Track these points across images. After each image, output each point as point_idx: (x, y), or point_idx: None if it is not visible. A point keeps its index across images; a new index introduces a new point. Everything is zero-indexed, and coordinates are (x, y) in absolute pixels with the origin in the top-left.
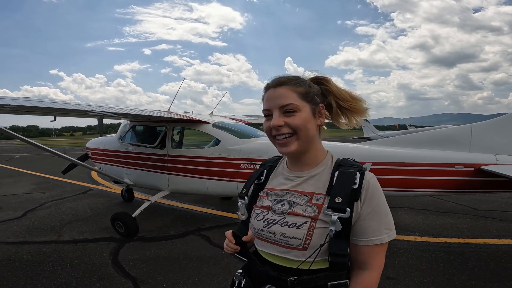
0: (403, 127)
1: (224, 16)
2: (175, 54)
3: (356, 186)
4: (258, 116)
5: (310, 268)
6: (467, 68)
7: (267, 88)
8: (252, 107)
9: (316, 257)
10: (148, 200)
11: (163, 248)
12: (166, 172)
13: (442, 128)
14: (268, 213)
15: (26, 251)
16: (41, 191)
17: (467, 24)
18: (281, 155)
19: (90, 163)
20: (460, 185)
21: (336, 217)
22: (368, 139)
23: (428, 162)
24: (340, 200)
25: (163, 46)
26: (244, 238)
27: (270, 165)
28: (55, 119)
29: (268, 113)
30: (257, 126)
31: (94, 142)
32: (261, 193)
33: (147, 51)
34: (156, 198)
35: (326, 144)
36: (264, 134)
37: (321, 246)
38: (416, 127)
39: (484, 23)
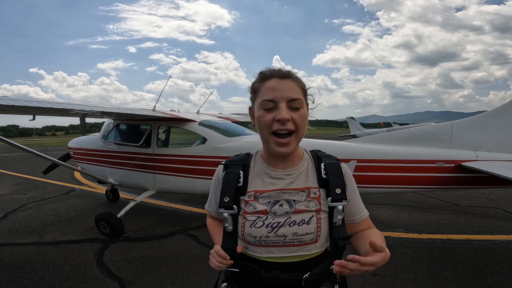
0: (388, 125)
1: (211, 13)
2: (161, 52)
3: (344, 176)
4: (245, 114)
5: (317, 255)
6: (449, 67)
7: (268, 77)
8: (240, 105)
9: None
10: (133, 200)
11: (150, 248)
12: (152, 171)
13: (424, 125)
14: (267, 217)
15: (7, 253)
16: (21, 192)
17: (449, 23)
18: (248, 153)
19: (72, 163)
20: (441, 181)
21: (341, 207)
22: (354, 136)
23: (411, 159)
24: (340, 191)
25: (148, 44)
26: (239, 250)
27: (242, 164)
28: (34, 118)
29: (271, 106)
30: (245, 124)
31: (76, 142)
32: (245, 198)
33: (132, 49)
34: (141, 197)
35: (313, 141)
36: (252, 132)
37: (336, 237)
38: (400, 124)
39: (466, 22)
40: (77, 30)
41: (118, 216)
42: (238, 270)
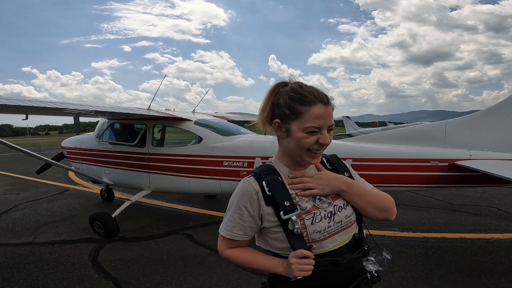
0: (383, 124)
1: (207, 12)
2: (156, 51)
3: (344, 164)
4: (241, 114)
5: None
6: (443, 66)
7: (313, 102)
8: (236, 104)
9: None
10: (128, 199)
11: (145, 248)
12: (147, 170)
13: (419, 124)
14: (320, 211)
15: (1, 253)
16: (15, 192)
17: (444, 23)
18: (268, 164)
19: (66, 162)
20: (436, 180)
21: None
22: (349, 135)
23: (406, 157)
24: (347, 174)
25: (143, 43)
26: (315, 246)
27: (273, 171)
28: (27, 118)
29: (314, 130)
30: (241, 123)
31: (70, 141)
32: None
33: (126, 48)
34: (137, 197)
35: None
36: (248, 131)
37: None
38: (395, 123)
39: (460, 22)
40: (70, 29)
41: (113, 216)
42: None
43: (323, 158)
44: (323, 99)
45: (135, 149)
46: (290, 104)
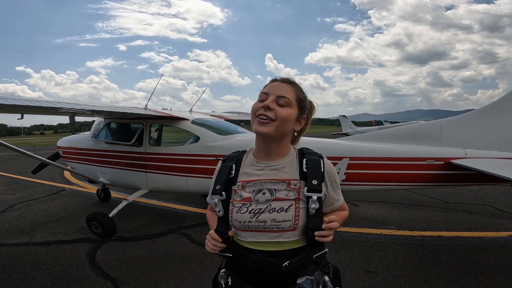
0: (379, 123)
1: (203, 11)
2: (152, 50)
3: (322, 170)
4: (239, 113)
5: (298, 246)
6: (438, 66)
7: (274, 80)
8: (233, 103)
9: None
10: (125, 199)
11: (143, 247)
12: (144, 170)
13: (414, 123)
14: (251, 204)
15: None
16: (10, 192)
17: (439, 22)
18: (244, 150)
19: (61, 162)
20: (431, 178)
21: (316, 197)
22: (346, 134)
23: (402, 156)
24: (316, 182)
25: (139, 42)
26: (230, 233)
27: (236, 159)
28: (22, 117)
29: (264, 98)
30: (238, 122)
31: (66, 141)
32: (235, 187)
33: (122, 47)
34: (134, 197)
35: (306, 139)
36: (245, 130)
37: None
38: (391, 122)
39: (455, 21)
40: (65, 28)
41: (110, 215)
42: (231, 255)
43: (304, 160)
44: (281, 79)
45: (132, 149)
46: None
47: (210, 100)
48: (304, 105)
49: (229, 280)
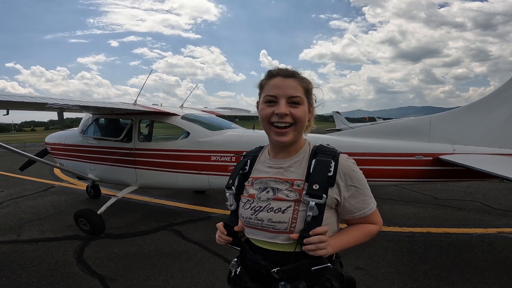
0: (372, 119)
1: (197, 7)
2: (145, 46)
3: (331, 173)
4: (231, 109)
5: (296, 250)
6: (431, 63)
7: (273, 76)
8: (227, 99)
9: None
10: (115, 196)
11: (132, 244)
12: (133, 166)
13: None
14: (254, 201)
15: None
16: None
17: (432, 20)
18: (262, 145)
19: (50, 159)
20: (420, 174)
21: (313, 203)
22: (339, 130)
23: (391, 152)
24: (318, 187)
25: (131, 38)
26: (236, 228)
27: (253, 155)
28: (7, 113)
29: (272, 100)
30: (232, 118)
31: (54, 137)
32: (246, 183)
33: (114, 43)
34: (123, 193)
35: None
36: (237, 126)
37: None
38: (384, 119)
39: (448, 19)
40: (55, 24)
41: (99, 212)
42: (239, 248)
43: (314, 160)
44: (283, 73)
45: (121, 144)
46: (260, 82)
47: (204, 96)
48: (310, 93)
49: (238, 270)
